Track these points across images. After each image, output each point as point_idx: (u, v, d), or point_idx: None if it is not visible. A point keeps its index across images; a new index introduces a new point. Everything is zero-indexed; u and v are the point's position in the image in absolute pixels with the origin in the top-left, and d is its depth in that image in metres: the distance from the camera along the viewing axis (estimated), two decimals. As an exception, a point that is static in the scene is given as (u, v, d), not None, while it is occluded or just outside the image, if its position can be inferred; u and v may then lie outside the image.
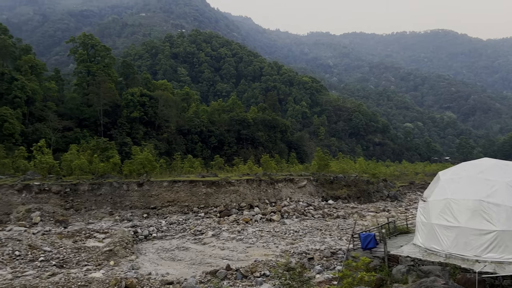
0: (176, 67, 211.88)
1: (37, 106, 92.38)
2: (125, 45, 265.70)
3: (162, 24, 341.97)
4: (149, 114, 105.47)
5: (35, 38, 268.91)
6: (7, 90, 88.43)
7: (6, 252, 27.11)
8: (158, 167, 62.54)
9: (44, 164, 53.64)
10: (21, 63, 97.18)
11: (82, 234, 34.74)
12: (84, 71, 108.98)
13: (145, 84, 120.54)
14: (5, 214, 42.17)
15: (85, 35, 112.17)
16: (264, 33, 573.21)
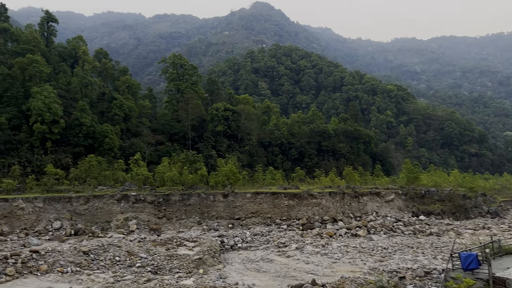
0: (257, 81, 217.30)
1: (133, 122, 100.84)
2: (210, 63, 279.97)
3: (243, 41, 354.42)
4: (232, 127, 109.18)
5: (130, 60, 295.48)
6: (107, 108, 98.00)
7: (108, 257, 29.66)
8: (241, 179, 64.15)
9: (140, 176, 58.11)
10: (119, 84, 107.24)
11: (173, 242, 36.69)
12: (174, 89, 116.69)
13: (228, 99, 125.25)
14: (106, 222, 46.37)
15: (175, 56, 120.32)
16: (344, 43, 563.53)
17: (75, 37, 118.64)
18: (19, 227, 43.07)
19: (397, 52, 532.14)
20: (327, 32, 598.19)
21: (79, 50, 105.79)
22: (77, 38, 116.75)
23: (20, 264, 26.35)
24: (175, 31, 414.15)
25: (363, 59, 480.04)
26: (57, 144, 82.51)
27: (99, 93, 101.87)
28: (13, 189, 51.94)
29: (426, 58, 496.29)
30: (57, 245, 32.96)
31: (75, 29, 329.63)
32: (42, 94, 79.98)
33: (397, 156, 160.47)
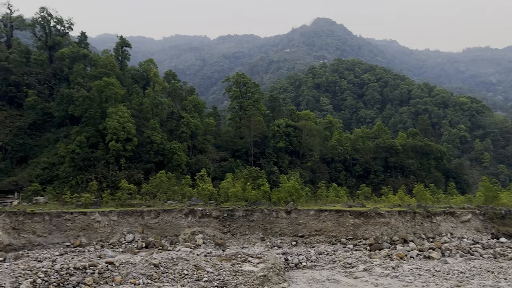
0: (318, 97, 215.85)
1: (199, 139, 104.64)
2: (271, 80, 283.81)
3: (305, 57, 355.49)
4: (293, 143, 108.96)
5: (196, 80, 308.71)
6: (176, 126, 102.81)
7: (176, 270, 30.61)
8: (304, 196, 63.42)
9: (206, 191, 59.80)
10: (186, 103, 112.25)
11: (238, 258, 36.97)
12: (237, 107, 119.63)
13: (289, 115, 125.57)
14: (175, 236, 48.04)
15: (238, 74, 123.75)
16: (411, 54, 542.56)
17: (146, 60, 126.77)
18: (95, 239, 46.06)
19: (469, 62, 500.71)
20: (392, 44, 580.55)
21: (150, 73, 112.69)
22: (148, 61, 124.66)
23: (97, 275, 28.06)
24: (238, 51, 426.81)
25: (432, 71, 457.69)
26: (130, 161, 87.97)
27: (168, 112, 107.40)
28: (90, 203, 55.95)
29: (502, 68, 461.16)
30: (129, 257, 34.69)
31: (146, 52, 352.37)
32: (117, 114, 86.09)
33: (472, 173, 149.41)
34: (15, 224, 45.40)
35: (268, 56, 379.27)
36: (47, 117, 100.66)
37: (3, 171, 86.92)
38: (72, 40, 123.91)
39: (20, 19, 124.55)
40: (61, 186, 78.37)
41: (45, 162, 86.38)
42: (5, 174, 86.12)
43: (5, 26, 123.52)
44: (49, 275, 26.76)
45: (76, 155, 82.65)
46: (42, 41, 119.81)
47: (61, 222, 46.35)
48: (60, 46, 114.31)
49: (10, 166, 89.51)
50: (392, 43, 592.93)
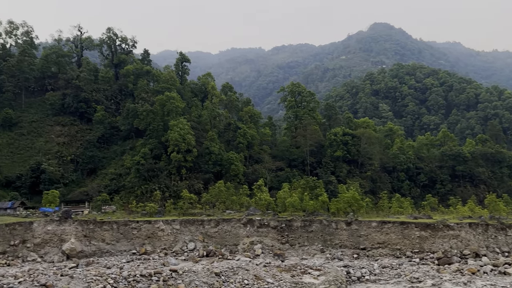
0: (377, 103, 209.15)
1: (255, 149, 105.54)
2: (326, 88, 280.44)
3: (362, 64, 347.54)
4: (351, 152, 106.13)
5: (251, 91, 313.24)
6: (233, 137, 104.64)
7: (237, 280, 30.84)
8: (364, 206, 61.43)
9: (263, 201, 59.99)
10: (242, 114, 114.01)
11: (298, 269, 36.48)
12: (292, 116, 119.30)
13: (347, 123, 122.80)
14: (234, 245, 48.59)
15: (293, 84, 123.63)
16: (477, 56, 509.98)
17: (204, 74, 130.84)
18: (159, 247, 47.85)
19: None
20: (455, 46, 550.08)
21: (208, 86, 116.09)
22: (206, 75, 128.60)
23: (162, 282, 29.04)
24: (292, 61, 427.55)
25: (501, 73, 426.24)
26: (190, 171, 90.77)
27: (225, 123, 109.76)
28: (155, 212, 58.38)
29: None
30: (192, 265, 35.57)
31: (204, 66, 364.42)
32: (178, 126, 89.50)
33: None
34: (86, 232, 48.49)
35: (323, 64, 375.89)
36: (114, 131, 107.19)
37: (75, 182, 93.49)
38: (136, 58, 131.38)
39: (89, 39, 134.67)
40: (127, 196, 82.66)
41: (113, 173, 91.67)
42: (77, 184, 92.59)
43: (76, 47, 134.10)
44: (117, 282, 28.12)
45: (141, 166, 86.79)
46: (109, 60, 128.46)
47: (128, 231, 48.78)
48: (125, 64, 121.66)
49: (81, 177, 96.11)
50: (456, 45, 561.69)
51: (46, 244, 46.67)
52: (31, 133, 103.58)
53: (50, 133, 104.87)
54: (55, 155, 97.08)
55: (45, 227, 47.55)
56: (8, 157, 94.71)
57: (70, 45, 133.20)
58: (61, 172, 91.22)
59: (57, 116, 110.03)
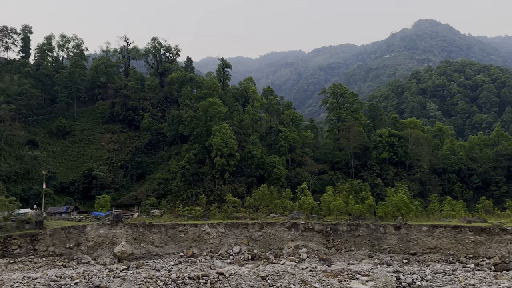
0: (424, 102, 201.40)
1: (297, 152, 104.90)
2: (370, 88, 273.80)
3: (406, 62, 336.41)
4: (398, 154, 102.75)
5: (292, 94, 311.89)
6: (274, 140, 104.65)
7: (283, 284, 30.66)
8: (413, 210, 59.14)
9: (307, 204, 59.37)
10: (284, 117, 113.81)
11: (345, 274, 35.72)
12: (334, 118, 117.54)
13: (392, 124, 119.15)
14: (279, 249, 48.42)
15: (334, 85, 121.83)
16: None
17: (245, 79, 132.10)
18: (206, 250, 48.63)
19: None
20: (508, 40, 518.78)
21: (249, 90, 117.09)
22: (247, 79, 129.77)
23: (209, 285, 29.47)
24: (333, 62, 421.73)
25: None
26: (234, 175, 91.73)
27: (267, 127, 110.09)
28: (200, 215, 59.45)
29: None
30: (237, 269, 35.79)
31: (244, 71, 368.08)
32: (220, 131, 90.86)
33: None
34: (136, 235, 50.22)
35: (366, 64, 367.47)
36: (160, 137, 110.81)
37: (125, 187, 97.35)
38: (180, 66, 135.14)
39: (135, 50, 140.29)
40: (173, 200, 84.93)
41: (160, 178, 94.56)
42: (126, 189, 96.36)
43: (123, 57, 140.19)
44: (167, 284, 28.87)
45: (186, 171, 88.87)
46: (154, 68, 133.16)
47: (175, 234, 50.00)
48: (169, 72, 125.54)
49: (130, 182, 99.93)
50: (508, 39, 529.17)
51: (99, 247, 48.80)
52: (83, 141, 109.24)
53: (101, 141, 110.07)
54: (106, 161, 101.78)
55: (98, 231, 49.76)
56: (62, 164, 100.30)
57: (117, 56, 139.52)
58: (111, 177, 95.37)
59: (107, 124, 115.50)
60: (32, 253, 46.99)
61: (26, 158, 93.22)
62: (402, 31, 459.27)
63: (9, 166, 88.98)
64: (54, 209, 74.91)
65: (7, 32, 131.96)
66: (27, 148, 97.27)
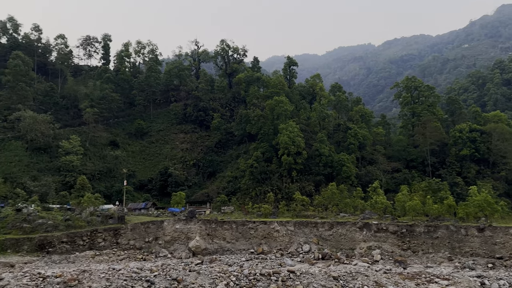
0: (509, 94, 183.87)
1: (367, 150, 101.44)
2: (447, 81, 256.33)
3: (488, 51, 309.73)
4: (481, 150, 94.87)
5: (361, 90, 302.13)
6: (343, 138, 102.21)
7: (356, 285, 29.78)
8: (499, 211, 54.26)
9: (379, 204, 57.14)
10: (353, 114, 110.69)
11: (422, 277, 33.81)
12: (408, 113, 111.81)
13: (473, 118, 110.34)
14: (350, 249, 47.17)
15: (408, 79, 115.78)
16: None
17: (312, 76, 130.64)
18: (275, 247, 48.90)
19: None
20: None
21: (316, 87, 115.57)
22: (314, 76, 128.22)
23: (281, 282, 29.56)
24: (406, 54, 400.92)
25: None
26: (301, 173, 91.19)
27: (334, 124, 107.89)
28: (269, 213, 59.96)
29: None
30: (308, 267, 35.50)
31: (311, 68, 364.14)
32: (287, 129, 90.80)
33: None
34: (209, 231, 51.98)
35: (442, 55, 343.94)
36: (229, 136, 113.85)
37: (197, 184, 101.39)
38: (247, 66, 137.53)
39: (205, 52, 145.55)
40: (243, 197, 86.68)
41: (229, 176, 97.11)
42: (199, 187, 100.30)
43: (194, 60, 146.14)
44: (239, 279, 29.49)
45: (254, 169, 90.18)
46: (223, 70, 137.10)
47: (246, 230, 50.94)
48: (237, 72, 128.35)
49: (202, 180, 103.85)
50: None
51: (175, 241, 51.28)
52: (159, 141, 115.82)
53: (175, 140, 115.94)
54: (180, 160, 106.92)
55: (174, 226, 52.32)
56: (140, 163, 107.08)
57: (189, 59, 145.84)
58: (185, 175, 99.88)
59: (180, 124, 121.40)
60: (115, 246, 50.73)
61: (108, 158, 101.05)
62: (482, 18, 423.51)
63: (94, 165, 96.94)
64: (134, 205, 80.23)
65: (90, 41, 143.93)
66: (109, 148, 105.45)
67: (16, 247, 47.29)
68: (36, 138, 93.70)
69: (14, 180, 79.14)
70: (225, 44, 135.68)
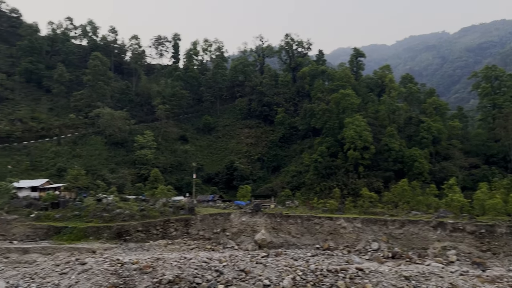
0: None
1: (442, 145, 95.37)
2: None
3: None
4: None
5: (434, 81, 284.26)
6: (415, 132, 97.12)
7: (429, 286, 28.26)
8: None
9: (456, 202, 53.55)
10: (425, 106, 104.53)
11: (504, 281, 31.19)
12: (488, 105, 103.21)
13: None
14: (423, 249, 44.83)
15: (488, 68, 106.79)
16: None
17: (381, 67, 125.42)
18: (342, 244, 48.00)
19: None
20: None
21: (386, 79, 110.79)
22: (383, 67, 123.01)
23: (348, 280, 28.93)
24: (485, 41, 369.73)
25: None
26: (369, 169, 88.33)
27: (405, 117, 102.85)
28: (335, 209, 58.94)
29: None
30: (377, 266, 34.39)
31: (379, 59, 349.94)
32: (353, 123, 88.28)
33: None
34: (274, 224, 52.40)
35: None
36: (293, 131, 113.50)
37: (262, 178, 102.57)
38: (311, 59, 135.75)
39: (269, 48, 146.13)
40: (307, 192, 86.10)
41: (293, 171, 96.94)
42: (263, 181, 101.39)
43: (259, 56, 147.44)
44: (306, 274, 29.37)
45: (319, 164, 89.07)
46: (287, 64, 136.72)
47: (311, 226, 50.59)
48: (301, 66, 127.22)
49: (267, 174, 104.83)
50: None
51: (241, 234, 52.42)
52: (225, 136, 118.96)
53: (240, 135, 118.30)
54: (245, 154, 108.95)
55: (240, 218, 53.49)
56: (208, 157, 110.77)
57: (254, 55, 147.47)
58: (250, 169, 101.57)
59: (245, 119, 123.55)
60: (185, 236, 53.10)
61: (179, 152, 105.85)
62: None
63: (166, 158, 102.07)
64: (202, 197, 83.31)
65: (161, 41, 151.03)
66: (179, 143, 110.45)
67: (97, 234, 51.42)
68: (114, 133, 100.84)
69: (95, 172, 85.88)
70: (289, 38, 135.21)
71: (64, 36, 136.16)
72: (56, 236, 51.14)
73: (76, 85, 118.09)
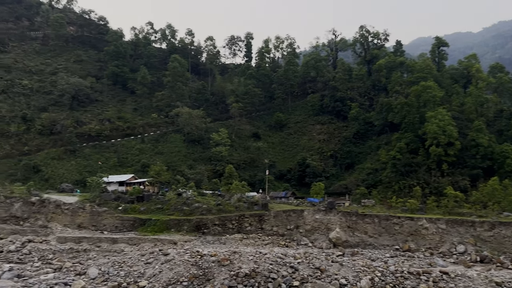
0: None
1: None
2: None
3: None
4: None
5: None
6: (506, 126, 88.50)
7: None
8: None
9: None
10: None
11: None
12: None
13: None
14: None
15: None
16: None
17: (467, 56, 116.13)
18: (423, 246, 45.33)
19: None
20: None
21: (472, 69, 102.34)
22: (469, 56, 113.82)
23: (432, 283, 27.12)
24: None
25: None
26: (453, 166, 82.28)
27: (495, 110, 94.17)
28: (416, 208, 55.79)
29: None
30: (464, 270, 31.89)
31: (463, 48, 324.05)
32: (436, 117, 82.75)
33: None
34: (349, 223, 51.02)
35: None
36: (368, 126, 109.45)
37: (335, 175, 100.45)
38: (388, 51, 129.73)
39: (343, 41, 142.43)
40: (384, 191, 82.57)
41: (369, 168, 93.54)
42: (336, 178, 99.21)
43: (331, 50, 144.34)
44: (385, 275, 28.08)
45: (397, 161, 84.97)
46: (362, 57, 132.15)
47: (389, 226, 48.42)
48: (377, 59, 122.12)
49: (340, 171, 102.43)
50: None
51: (315, 231, 51.86)
52: (297, 132, 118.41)
53: (312, 132, 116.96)
54: (317, 151, 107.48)
55: (314, 216, 52.92)
56: (280, 154, 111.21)
57: (326, 50, 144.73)
58: (322, 166, 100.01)
59: (317, 116, 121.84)
60: (260, 231, 53.88)
61: (251, 149, 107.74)
62: None
63: (239, 155, 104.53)
64: (275, 193, 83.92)
65: (234, 41, 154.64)
66: (252, 140, 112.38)
67: (178, 226, 54.22)
68: (192, 131, 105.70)
69: (175, 168, 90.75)
70: (364, 30, 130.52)
71: (145, 40, 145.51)
72: (141, 228, 54.90)
73: (157, 86, 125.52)
